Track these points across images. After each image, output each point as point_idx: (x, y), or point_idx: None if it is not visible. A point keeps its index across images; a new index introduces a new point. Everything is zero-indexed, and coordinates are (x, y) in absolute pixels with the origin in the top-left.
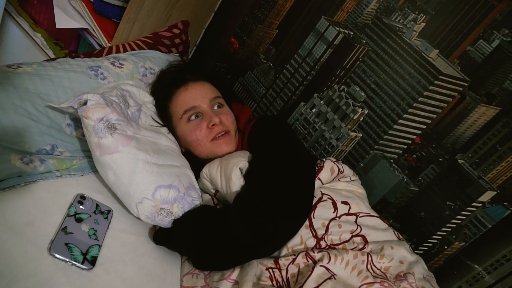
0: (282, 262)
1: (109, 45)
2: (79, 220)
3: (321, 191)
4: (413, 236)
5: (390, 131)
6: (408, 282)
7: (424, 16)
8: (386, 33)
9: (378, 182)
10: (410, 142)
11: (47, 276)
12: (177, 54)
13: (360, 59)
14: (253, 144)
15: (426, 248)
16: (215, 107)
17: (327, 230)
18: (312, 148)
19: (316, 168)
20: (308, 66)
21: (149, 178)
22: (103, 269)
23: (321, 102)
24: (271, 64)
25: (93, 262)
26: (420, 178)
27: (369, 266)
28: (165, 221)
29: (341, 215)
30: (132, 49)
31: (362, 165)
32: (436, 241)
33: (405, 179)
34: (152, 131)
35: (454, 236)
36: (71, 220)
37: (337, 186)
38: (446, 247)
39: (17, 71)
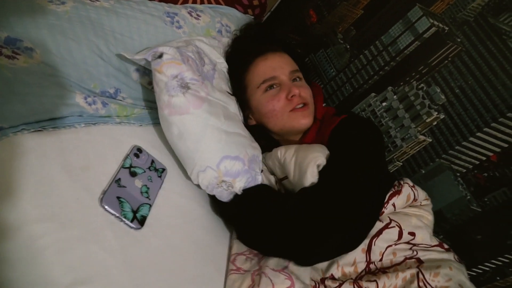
0: (329, 284)
1: None
2: (134, 174)
3: (389, 217)
4: (462, 258)
5: (464, 142)
6: None
7: None
8: (488, 34)
9: (438, 193)
10: (484, 158)
11: (96, 228)
12: (252, 17)
13: (449, 59)
14: (336, 142)
15: (474, 274)
16: (294, 80)
17: (381, 258)
18: None
19: (393, 190)
20: (389, 55)
21: (216, 146)
22: (151, 231)
23: (394, 96)
24: (348, 46)
25: (142, 222)
26: (486, 199)
27: (421, 284)
28: (224, 194)
29: (399, 243)
30: (209, 2)
31: (424, 171)
32: (488, 269)
33: (468, 197)
34: (224, 94)
35: (511, 269)
36: (125, 172)
37: (408, 211)
38: (498, 278)
39: (95, 5)
